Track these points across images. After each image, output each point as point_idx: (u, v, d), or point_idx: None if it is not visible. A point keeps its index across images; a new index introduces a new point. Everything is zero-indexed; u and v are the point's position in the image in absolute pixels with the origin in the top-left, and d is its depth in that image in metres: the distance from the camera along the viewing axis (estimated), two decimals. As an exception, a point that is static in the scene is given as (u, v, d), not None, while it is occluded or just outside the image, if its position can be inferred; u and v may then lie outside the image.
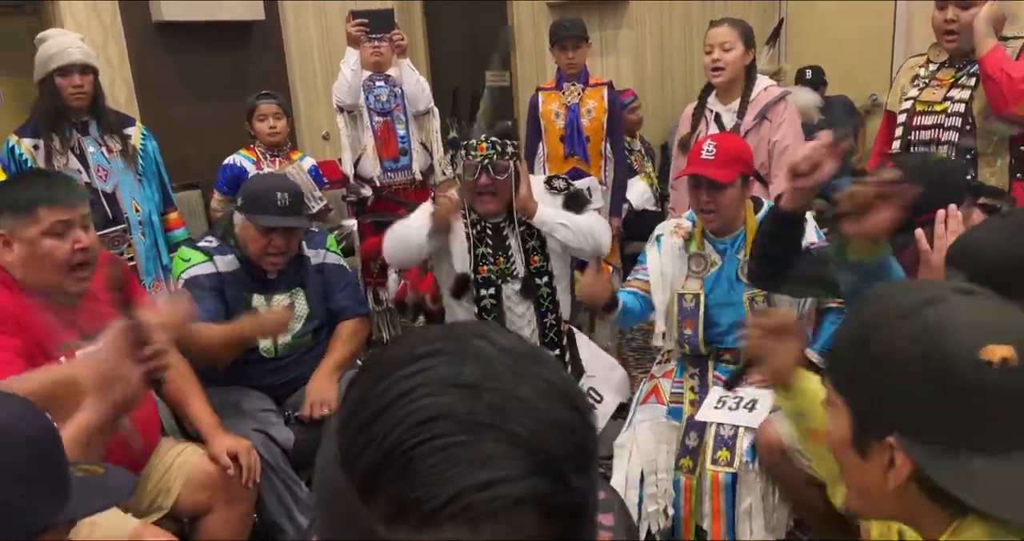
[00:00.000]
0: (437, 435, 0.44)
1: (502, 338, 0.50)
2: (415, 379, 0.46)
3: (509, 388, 0.46)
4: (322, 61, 5.02)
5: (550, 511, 0.44)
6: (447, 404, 0.45)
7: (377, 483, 0.44)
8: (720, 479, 2.08)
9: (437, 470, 0.43)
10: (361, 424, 0.46)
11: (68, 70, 2.79)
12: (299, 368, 2.43)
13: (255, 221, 2.30)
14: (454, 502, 0.42)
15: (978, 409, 0.80)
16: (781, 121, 2.86)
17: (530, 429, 0.45)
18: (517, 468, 0.44)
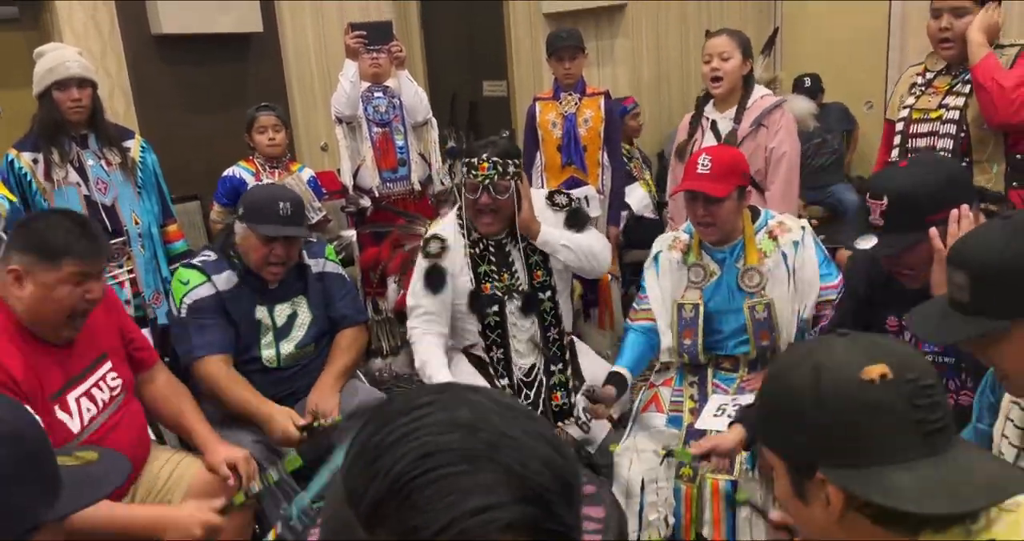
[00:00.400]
0: (435, 466, 0.48)
1: (495, 394, 0.56)
2: (415, 423, 0.51)
3: (502, 429, 0.51)
4: (320, 72, 5.04)
5: (538, 537, 0.47)
6: (445, 441, 0.50)
7: (381, 515, 0.47)
8: (720, 487, 2.08)
9: (435, 498, 0.47)
10: (365, 464, 0.50)
11: (66, 84, 2.80)
12: (301, 379, 2.44)
13: (257, 230, 2.30)
14: (450, 527, 0.46)
15: (874, 426, 0.91)
16: (778, 128, 2.88)
17: (520, 463, 0.49)
18: (508, 496, 0.47)
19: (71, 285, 1.79)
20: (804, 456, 0.95)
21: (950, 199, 1.67)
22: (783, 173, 2.87)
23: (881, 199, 1.69)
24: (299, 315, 2.46)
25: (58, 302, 1.79)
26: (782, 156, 2.87)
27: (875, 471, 0.90)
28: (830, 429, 0.92)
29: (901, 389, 0.91)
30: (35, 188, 2.80)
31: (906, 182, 1.71)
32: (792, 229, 2.27)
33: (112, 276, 2.87)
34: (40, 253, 1.78)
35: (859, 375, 0.91)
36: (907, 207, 1.67)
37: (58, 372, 1.84)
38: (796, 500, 0.99)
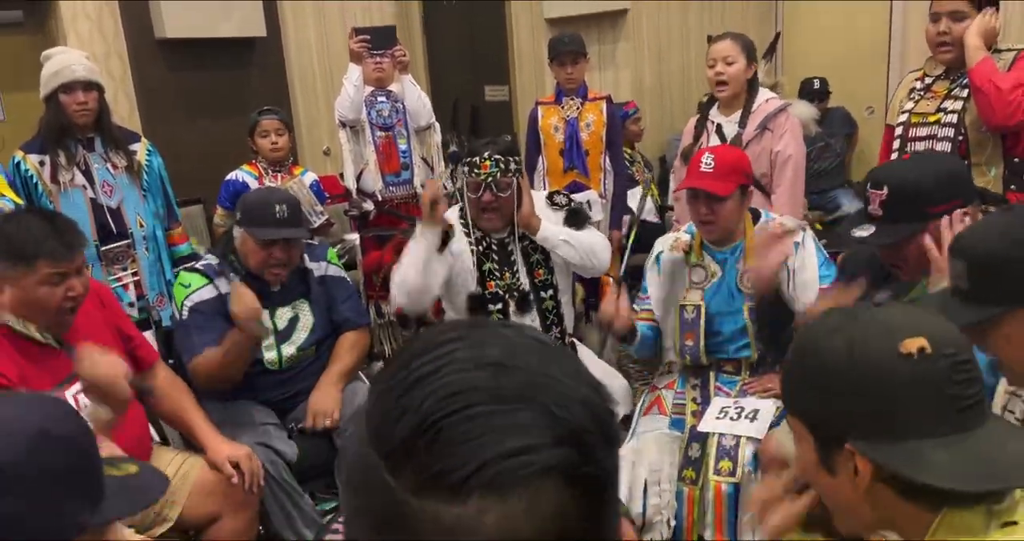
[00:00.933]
0: (467, 405, 0.44)
1: (530, 330, 0.52)
2: (442, 360, 0.47)
3: (536, 367, 0.47)
4: (323, 77, 5.05)
5: (576, 482, 0.44)
6: (476, 378, 0.46)
7: (407, 456, 0.44)
8: (723, 489, 2.09)
9: (466, 439, 0.43)
10: (391, 401, 0.46)
11: (72, 87, 2.81)
12: (303, 380, 2.44)
13: (254, 234, 2.31)
14: (483, 470, 0.43)
15: (909, 399, 0.89)
16: (783, 132, 2.89)
17: (557, 403, 0.45)
18: (545, 437, 0.44)
19: (50, 285, 1.79)
20: (834, 427, 0.94)
21: (950, 192, 1.68)
22: (789, 176, 2.88)
23: (881, 189, 1.70)
24: (301, 318, 2.47)
25: (40, 303, 1.79)
26: (787, 159, 2.88)
27: (907, 445, 0.89)
28: (863, 401, 0.91)
29: (939, 364, 0.89)
30: (41, 190, 2.81)
31: (907, 173, 1.73)
32: (792, 230, 2.27)
33: (116, 278, 2.88)
34: (13, 258, 1.77)
35: (897, 347, 0.90)
36: (907, 197, 1.68)
37: (48, 371, 1.84)
38: (821, 470, 0.97)
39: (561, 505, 0.44)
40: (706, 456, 2.13)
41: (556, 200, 2.61)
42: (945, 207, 1.67)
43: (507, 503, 0.42)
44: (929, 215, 1.67)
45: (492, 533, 0.42)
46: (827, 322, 0.99)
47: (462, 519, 0.42)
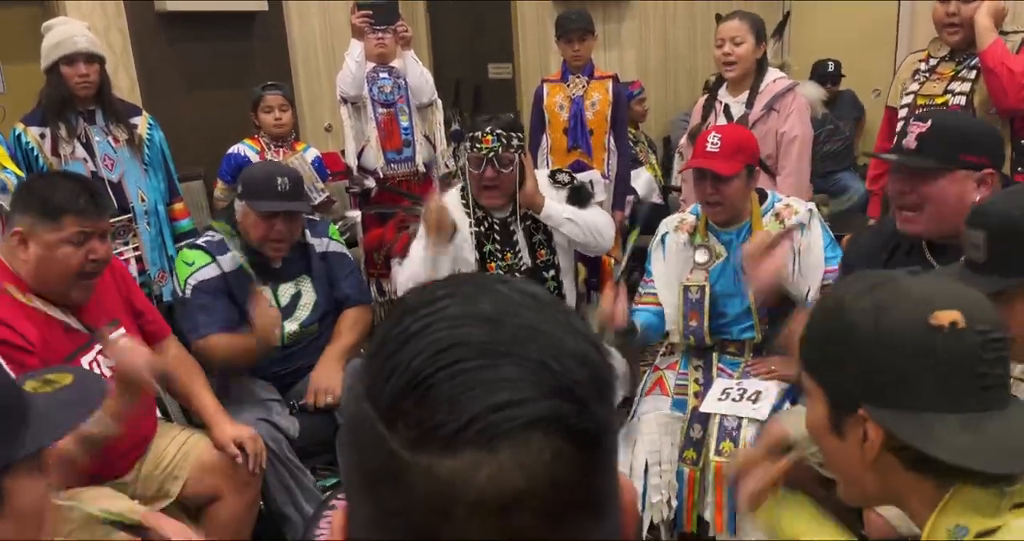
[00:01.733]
0: (457, 360, 0.45)
1: (524, 285, 0.51)
2: (434, 315, 0.47)
3: (529, 322, 0.47)
4: (325, 52, 5.01)
5: (570, 435, 0.44)
6: (466, 333, 0.46)
7: (400, 411, 0.44)
8: (723, 470, 2.09)
9: (457, 393, 0.44)
10: (384, 358, 0.47)
11: (74, 59, 2.78)
12: (305, 357, 2.44)
13: (256, 207, 2.30)
14: (473, 424, 0.43)
15: (934, 372, 0.87)
16: (789, 112, 2.86)
17: (550, 356, 0.46)
18: (536, 390, 0.44)
19: (73, 245, 1.78)
20: (850, 391, 0.92)
21: (988, 150, 1.69)
22: (795, 157, 2.86)
23: (925, 122, 1.70)
24: (303, 295, 2.47)
25: (62, 262, 1.78)
26: (793, 139, 2.85)
27: (923, 417, 0.87)
28: (885, 369, 0.88)
29: (970, 339, 0.87)
30: (42, 163, 2.79)
31: (957, 117, 1.80)
32: (799, 211, 2.26)
33: (118, 253, 2.87)
34: (41, 212, 1.77)
35: (928, 318, 0.87)
36: (946, 134, 1.67)
37: (67, 337, 1.84)
38: (830, 434, 0.96)
39: (553, 458, 0.43)
40: (708, 437, 2.13)
41: (558, 178, 2.59)
42: (978, 159, 1.67)
43: (498, 456, 0.43)
44: (960, 161, 1.66)
45: (485, 485, 0.42)
46: (857, 283, 0.95)
47: (455, 472, 0.43)
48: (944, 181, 1.66)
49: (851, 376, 0.91)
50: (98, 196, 1.86)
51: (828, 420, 0.95)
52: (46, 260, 1.78)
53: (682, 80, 5.69)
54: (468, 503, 0.43)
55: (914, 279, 0.94)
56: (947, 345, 0.86)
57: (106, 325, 1.95)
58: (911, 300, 0.90)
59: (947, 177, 1.66)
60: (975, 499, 0.87)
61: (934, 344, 0.86)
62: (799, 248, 2.22)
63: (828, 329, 0.95)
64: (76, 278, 1.82)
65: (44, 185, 1.82)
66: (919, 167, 1.70)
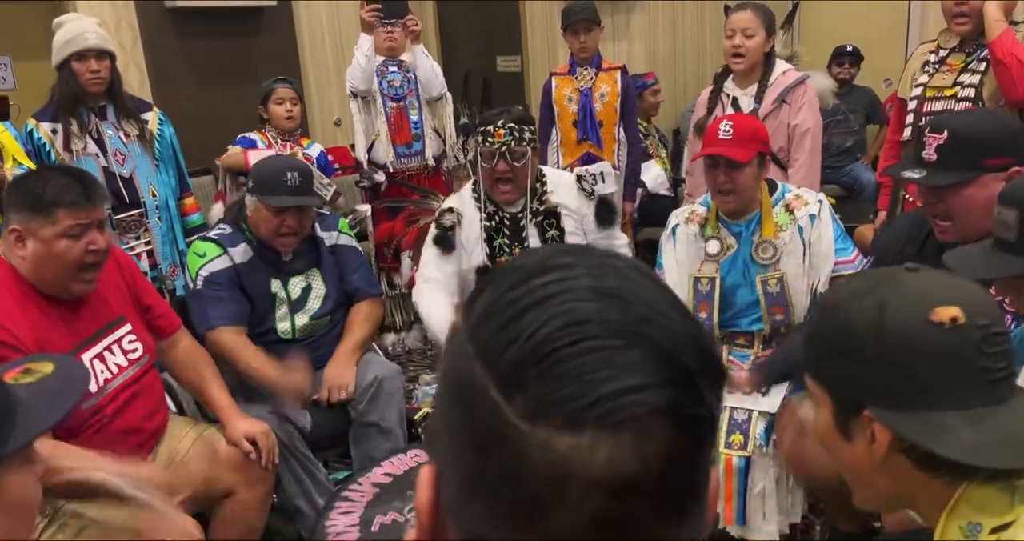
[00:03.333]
0: (588, 337, 0.44)
1: (633, 261, 0.51)
2: (559, 285, 0.46)
3: (651, 302, 0.47)
4: (334, 46, 5.01)
5: (685, 422, 0.44)
6: (596, 310, 0.45)
7: (521, 380, 0.44)
8: (733, 463, 2.09)
9: (585, 371, 0.43)
10: (503, 321, 0.46)
11: (85, 55, 2.80)
12: (316, 350, 2.45)
13: (267, 202, 2.31)
14: (600, 404, 0.42)
15: (936, 369, 0.87)
16: (801, 105, 2.84)
17: (672, 341, 0.45)
18: (661, 376, 0.44)
19: (71, 238, 1.76)
20: (854, 392, 0.91)
21: (1009, 148, 1.65)
22: (807, 150, 2.83)
23: (941, 133, 1.67)
24: (314, 288, 2.48)
25: (60, 257, 1.76)
26: (805, 132, 2.83)
27: (930, 415, 0.86)
28: (888, 369, 0.88)
29: (971, 335, 0.86)
30: (54, 158, 2.81)
31: (971, 121, 1.70)
32: (809, 202, 2.25)
33: (129, 248, 2.89)
34: (34, 208, 1.75)
35: (928, 315, 0.87)
36: (965, 143, 1.64)
37: (67, 333, 1.83)
38: (837, 436, 0.95)
39: (668, 445, 0.44)
40: (717, 430, 2.13)
41: (585, 186, 2.56)
42: (1001, 161, 1.64)
43: (618, 438, 0.43)
44: (983, 167, 1.63)
45: (601, 465, 0.42)
46: (856, 284, 0.95)
47: (575, 450, 0.42)
48: (971, 189, 1.64)
49: (855, 377, 0.91)
50: (90, 187, 1.83)
51: (834, 423, 0.95)
52: (45, 256, 1.76)
53: (691, 72, 5.67)
54: (583, 481, 0.43)
55: (913, 276, 0.93)
56: (948, 341, 0.86)
57: (112, 321, 1.95)
58: (910, 298, 0.89)
59: (973, 184, 1.63)
60: (985, 496, 0.87)
61: (936, 341, 0.86)
62: (809, 240, 2.22)
63: (830, 331, 0.95)
64: (78, 271, 1.80)
65: (34, 181, 1.79)
66: (942, 185, 1.67)
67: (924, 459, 0.88)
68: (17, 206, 1.77)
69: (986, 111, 1.75)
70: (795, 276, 2.22)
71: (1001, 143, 1.65)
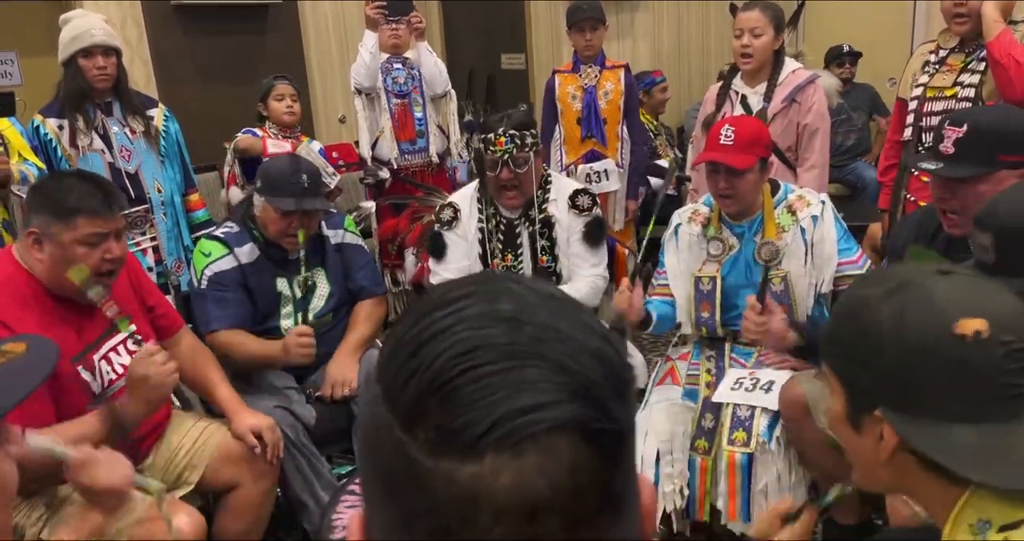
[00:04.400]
0: (478, 364, 0.44)
1: (534, 283, 0.51)
2: (453, 317, 0.47)
3: (547, 321, 0.47)
4: (338, 43, 5.02)
5: (590, 437, 0.44)
6: (487, 335, 0.45)
7: (420, 415, 0.44)
8: (736, 459, 2.10)
9: (479, 397, 0.43)
10: (402, 360, 0.46)
11: (91, 51, 2.81)
12: (321, 346, 2.45)
13: (275, 204, 2.31)
14: (496, 427, 0.42)
15: (953, 381, 0.85)
16: (811, 105, 2.84)
17: (569, 356, 0.45)
18: (558, 393, 0.43)
19: (88, 245, 1.77)
20: (868, 392, 0.90)
21: None
22: (816, 150, 2.84)
23: (960, 126, 1.67)
24: (318, 286, 2.48)
25: (76, 263, 1.76)
26: (815, 132, 2.83)
27: (941, 426, 0.85)
28: (904, 375, 0.87)
29: (994, 350, 0.84)
30: (60, 154, 2.82)
31: (992, 115, 1.71)
32: (812, 203, 2.26)
33: (135, 243, 2.90)
34: (54, 213, 1.76)
35: (952, 327, 0.84)
36: (983, 138, 1.65)
37: (76, 335, 1.83)
38: (848, 427, 0.95)
39: (576, 460, 0.43)
40: (720, 426, 2.14)
41: (579, 203, 2.54)
42: (1018, 158, 1.64)
43: (522, 460, 0.42)
44: (1000, 162, 1.63)
45: (507, 490, 0.42)
46: (882, 281, 0.93)
47: (477, 478, 0.42)
48: (985, 185, 1.64)
49: (870, 377, 0.90)
50: (112, 196, 1.85)
51: (846, 414, 0.95)
52: (61, 260, 1.77)
53: (695, 70, 5.67)
54: (491, 509, 0.42)
55: (943, 280, 0.90)
56: (969, 355, 0.84)
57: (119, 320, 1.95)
58: (936, 306, 0.87)
59: (988, 180, 1.64)
60: (994, 496, 0.86)
61: (956, 353, 0.84)
62: (811, 240, 2.22)
63: (851, 328, 0.93)
64: (95, 277, 1.80)
65: (57, 186, 1.80)
66: (959, 177, 1.67)
67: (931, 462, 0.87)
68: (38, 209, 1.77)
69: (1008, 107, 1.75)
70: (798, 277, 2.22)
71: (1019, 138, 1.65)
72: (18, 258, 1.81)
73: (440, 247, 2.58)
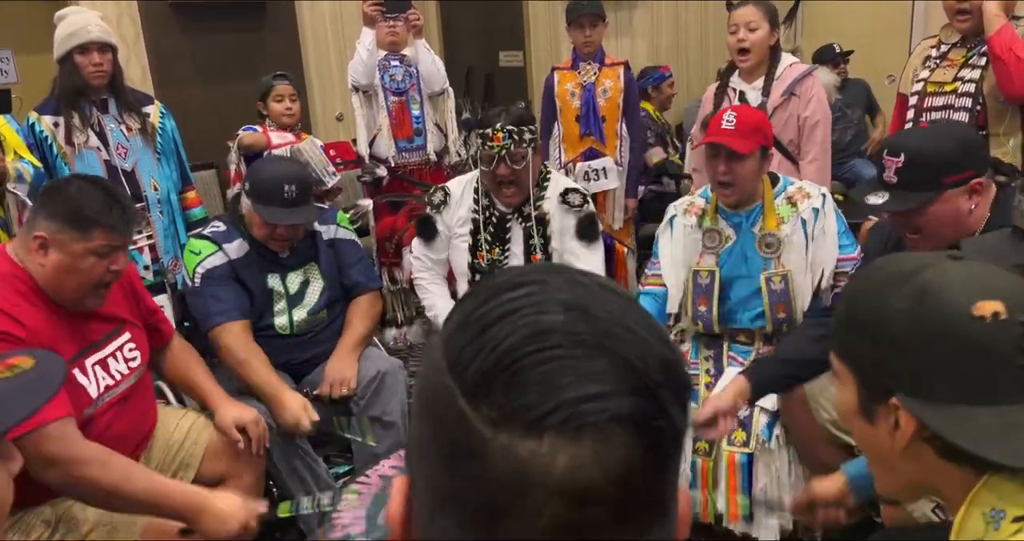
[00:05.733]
0: (551, 346, 0.45)
1: (599, 279, 0.52)
2: (524, 300, 0.48)
3: (617, 317, 0.48)
4: (336, 41, 5.00)
5: (647, 432, 0.45)
6: (560, 322, 0.46)
7: (485, 390, 0.45)
8: (736, 459, 2.09)
9: (546, 379, 0.44)
10: (472, 335, 0.47)
11: (87, 48, 2.80)
12: (316, 346, 2.45)
13: (261, 214, 2.29)
14: (559, 410, 0.44)
15: (973, 363, 0.85)
16: (810, 97, 2.84)
17: (636, 355, 0.46)
18: (623, 385, 0.45)
19: (97, 256, 1.75)
20: (883, 378, 0.89)
21: (966, 162, 1.68)
22: (818, 142, 2.83)
23: (898, 156, 1.69)
24: (311, 282, 2.47)
25: (83, 273, 1.75)
26: (816, 124, 2.83)
27: (960, 409, 0.84)
28: (922, 358, 0.86)
29: (1012, 331, 0.84)
30: (56, 152, 2.81)
31: (924, 141, 1.72)
32: (812, 195, 2.25)
33: (131, 242, 2.89)
34: (70, 222, 1.72)
35: (970, 308, 0.84)
36: (923, 165, 1.67)
37: (74, 338, 1.82)
38: (860, 418, 0.94)
39: (630, 453, 0.44)
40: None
41: (570, 199, 2.52)
42: (960, 177, 1.66)
43: (579, 444, 0.43)
44: (944, 184, 1.66)
45: (562, 471, 0.43)
46: (898, 266, 0.92)
47: (535, 455, 0.43)
48: (934, 207, 1.66)
49: (886, 364, 0.89)
50: (128, 210, 1.83)
51: (858, 405, 0.93)
52: (66, 269, 1.74)
53: (694, 68, 5.66)
54: (544, 488, 0.43)
55: (956, 265, 0.90)
56: (988, 336, 0.84)
57: (115, 328, 1.94)
58: (952, 288, 0.87)
59: (936, 202, 1.66)
60: (1010, 484, 0.85)
61: (975, 334, 0.84)
62: (813, 233, 2.21)
63: (863, 314, 0.92)
64: (94, 288, 1.79)
65: (75, 193, 1.76)
66: (905, 209, 1.70)
67: (948, 449, 0.86)
68: (52, 215, 1.73)
69: (939, 127, 1.77)
70: (798, 271, 2.21)
71: (958, 159, 1.67)
72: (14, 257, 1.78)
73: (431, 229, 2.59)
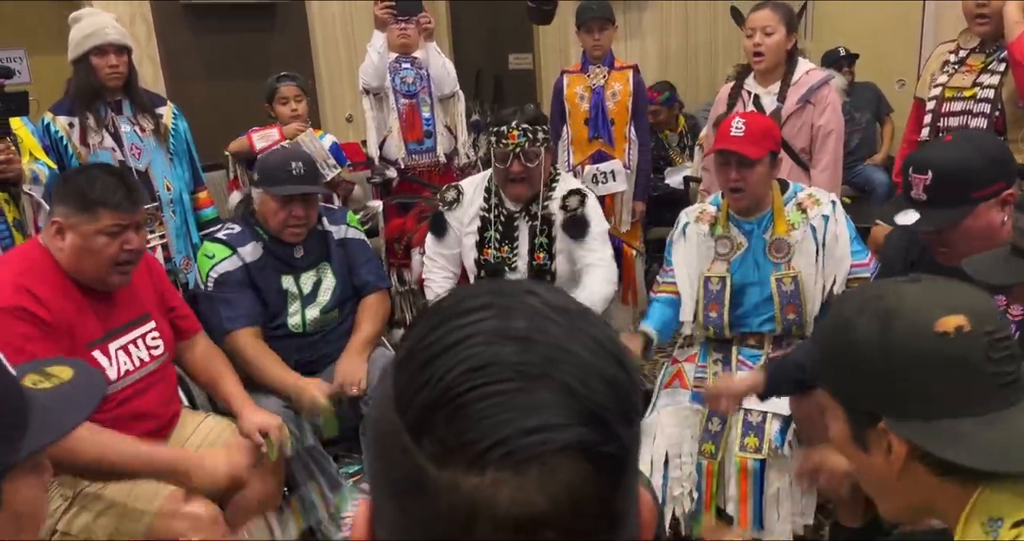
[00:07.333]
0: (490, 381, 0.45)
1: (551, 295, 0.51)
2: (468, 329, 0.47)
3: (560, 341, 0.48)
4: (346, 42, 5.02)
5: (595, 459, 0.45)
6: (500, 353, 0.46)
7: (428, 424, 0.45)
8: (749, 465, 2.09)
9: (488, 414, 0.44)
10: (415, 368, 0.47)
11: (104, 50, 2.81)
12: (327, 345, 2.47)
13: (273, 192, 2.33)
14: (501, 445, 0.43)
15: (947, 378, 0.87)
16: (826, 106, 2.81)
17: (579, 380, 0.46)
18: (566, 416, 0.45)
19: (108, 236, 1.85)
20: (867, 405, 0.92)
21: (994, 175, 1.64)
22: (831, 151, 2.81)
23: (925, 173, 1.65)
24: (324, 281, 2.50)
25: (97, 253, 1.84)
26: (830, 133, 2.81)
27: (944, 424, 0.87)
28: (898, 381, 0.88)
29: (977, 342, 0.86)
30: (71, 152, 2.83)
31: (953, 156, 1.66)
32: (822, 202, 2.25)
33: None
34: (77, 205, 1.83)
35: (933, 326, 0.87)
36: (952, 182, 1.63)
37: (99, 323, 1.90)
38: (854, 447, 0.96)
39: (576, 480, 0.44)
40: (729, 431, 2.13)
41: (567, 203, 2.53)
42: (990, 190, 1.62)
43: (524, 477, 0.43)
44: (974, 199, 1.62)
45: (507, 503, 0.43)
46: (860, 296, 0.95)
47: (478, 489, 0.43)
48: (966, 222, 1.63)
49: (866, 391, 0.91)
50: (134, 191, 1.92)
51: (851, 436, 0.95)
52: (81, 250, 1.85)
53: (703, 71, 5.66)
54: (490, 520, 0.43)
55: (914, 287, 0.93)
56: (956, 350, 0.86)
57: (140, 315, 2.00)
58: (914, 310, 0.89)
59: (968, 217, 1.63)
60: (1005, 492, 0.87)
61: (943, 351, 0.87)
62: (823, 240, 2.21)
63: (837, 348, 0.95)
64: (113, 266, 1.88)
65: (82, 179, 1.88)
66: (937, 227, 1.67)
67: (941, 466, 0.88)
68: (62, 200, 1.85)
69: (965, 140, 1.71)
70: (808, 276, 2.22)
71: (987, 172, 1.63)
72: (43, 244, 1.88)
73: (442, 226, 2.62)
